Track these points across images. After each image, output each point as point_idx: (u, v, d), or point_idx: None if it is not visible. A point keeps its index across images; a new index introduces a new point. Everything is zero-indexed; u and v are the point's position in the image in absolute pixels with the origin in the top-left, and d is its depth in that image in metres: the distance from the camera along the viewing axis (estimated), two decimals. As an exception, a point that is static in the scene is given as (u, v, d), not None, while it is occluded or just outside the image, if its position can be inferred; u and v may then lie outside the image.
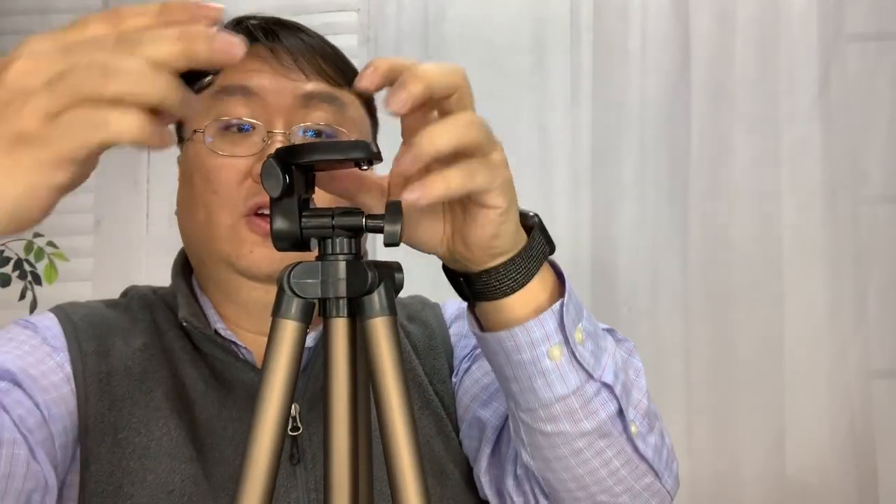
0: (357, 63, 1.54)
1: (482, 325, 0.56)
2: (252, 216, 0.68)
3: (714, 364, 1.27)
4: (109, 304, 0.78)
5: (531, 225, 0.54)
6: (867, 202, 1.28)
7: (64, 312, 0.72)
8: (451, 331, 0.79)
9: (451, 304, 0.83)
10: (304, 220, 0.46)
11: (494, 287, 0.52)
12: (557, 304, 0.53)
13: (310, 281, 0.45)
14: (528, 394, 0.54)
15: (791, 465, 1.24)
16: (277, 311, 0.45)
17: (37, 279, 1.39)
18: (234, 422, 0.68)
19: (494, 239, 0.50)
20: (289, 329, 0.44)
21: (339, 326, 0.46)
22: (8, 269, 1.39)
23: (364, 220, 0.46)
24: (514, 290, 0.52)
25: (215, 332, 0.72)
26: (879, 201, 1.28)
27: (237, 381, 0.70)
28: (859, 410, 1.24)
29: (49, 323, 0.71)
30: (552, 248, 0.55)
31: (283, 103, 0.70)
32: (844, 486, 1.24)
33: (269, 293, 0.69)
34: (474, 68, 1.53)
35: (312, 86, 0.72)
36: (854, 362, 1.25)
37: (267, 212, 0.68)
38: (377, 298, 0.45)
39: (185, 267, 0.78)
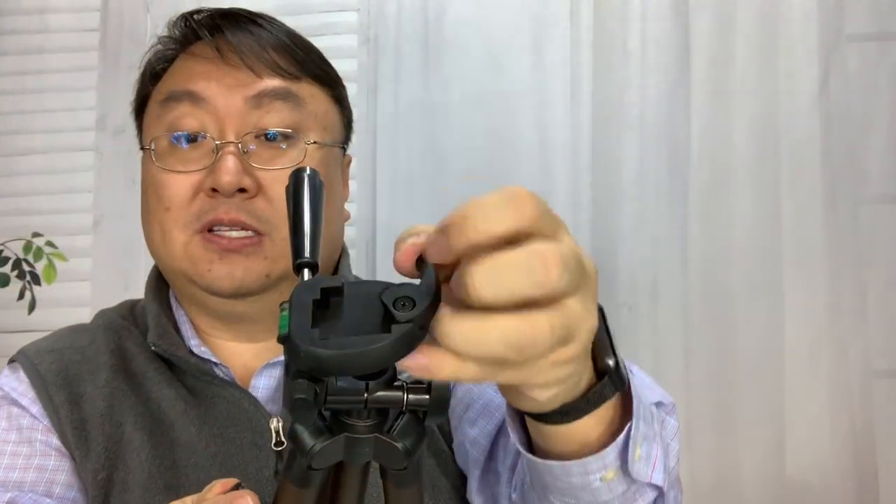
0: (356, 63, 1.53)
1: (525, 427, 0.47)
2: (206, 232, 0.65)
3: (714, 364, 1.27)
4: (77, 330, 0.74)
5: (604, 370, 0.42)
6: (867, 202, 1.28)
7: (31, 364, 0.69)
8: None
9: None
10: (329, 396, 0.35)
11: (540, 417, 0.42)
12: (623, 435, 0.44)
13: (331, 455, 0.36)
14: (568, 497, 0.48)
15: (791, 465, 1.24)
16: (287, 474, 0.37)
17: (36, 279, 1.39)
18: (216, 438, 0.65)
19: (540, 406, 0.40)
20: (299, 498, 0.37)
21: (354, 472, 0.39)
22: (7, 268, 1.39)
23: (406, 394, 0.36)
24: (565, 423, 0.42)
25: (189, 351, 0.69)
26: (879, 201, 1.28)
27: (217, 397, 0.67)
28: (859, 410, 1.24)
29: (16, 384, 0.68)
30: (625, 384, 0.43)
31: (232, 108, 0.66)
32: (844, 486, 1.23)
33: (238, 306, 0.67)
34: (474, 68, 1.52)
35: (264, 84, 0.67)
36: (854, 362, 1.25)
37: (223, 230, 0.65)
38: (409, 471, 0.37)
39: (160, 280, 0.75)
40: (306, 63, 0.71)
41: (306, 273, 0.38)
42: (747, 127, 1.29)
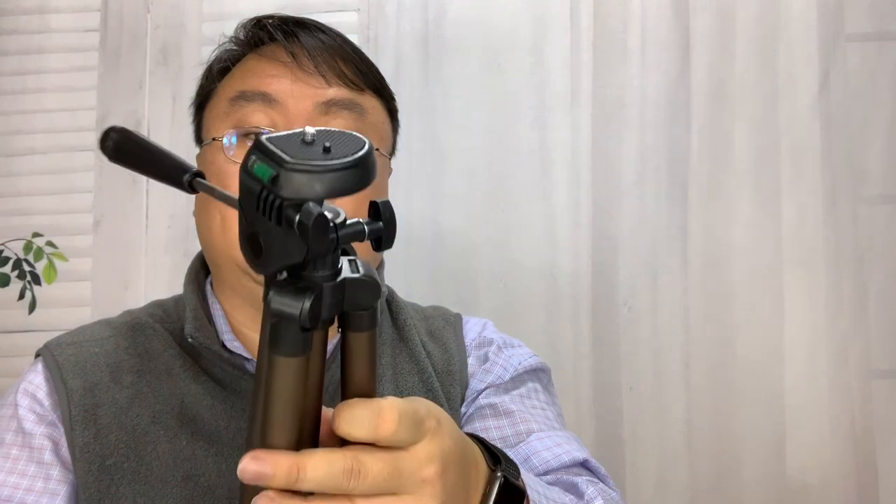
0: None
1: None
2: None
3: (714, 364, 1.27)
4: (101, 323, 0.76)
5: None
6: (867, 202, 1.28)
7: (50, 355, 0.71)
8: (469, 360, 0.77)
9: (473, 324, 0.81)
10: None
11: None
12: None
13: (318, 310, 0.37)
14: None
15: (791, 465, 1.24)
16: (276, 348, 0.37)
17: (36, 279, 1.39)
18: (243, 432, 0.67)
19: None
20: (297, 367, 0.37)
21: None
22: (7, 268, 1.39)
23: (366, 226, 0.38)
24: None
25: (222, 345, 0.70)
26: (879, 201, 1.28)
27: (246, 392, 0.69)
28: (859, 411, 1.24)
29: (33, 377, 0.70)
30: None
31: (302, 111, 0.69)
32: (844, 487, 1.23)
33: None
34: (474, 68, 1.53)
35: (333, 92, 0.71)
36: (854, 362, 1.25)
37: None
38: (370, 313, 0.39)
39: (199, 273, 0.77)
40: (368, 76, 0.75)
41: None
42: (747, 127, 1.29)
